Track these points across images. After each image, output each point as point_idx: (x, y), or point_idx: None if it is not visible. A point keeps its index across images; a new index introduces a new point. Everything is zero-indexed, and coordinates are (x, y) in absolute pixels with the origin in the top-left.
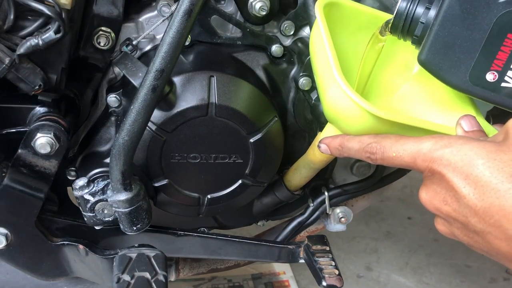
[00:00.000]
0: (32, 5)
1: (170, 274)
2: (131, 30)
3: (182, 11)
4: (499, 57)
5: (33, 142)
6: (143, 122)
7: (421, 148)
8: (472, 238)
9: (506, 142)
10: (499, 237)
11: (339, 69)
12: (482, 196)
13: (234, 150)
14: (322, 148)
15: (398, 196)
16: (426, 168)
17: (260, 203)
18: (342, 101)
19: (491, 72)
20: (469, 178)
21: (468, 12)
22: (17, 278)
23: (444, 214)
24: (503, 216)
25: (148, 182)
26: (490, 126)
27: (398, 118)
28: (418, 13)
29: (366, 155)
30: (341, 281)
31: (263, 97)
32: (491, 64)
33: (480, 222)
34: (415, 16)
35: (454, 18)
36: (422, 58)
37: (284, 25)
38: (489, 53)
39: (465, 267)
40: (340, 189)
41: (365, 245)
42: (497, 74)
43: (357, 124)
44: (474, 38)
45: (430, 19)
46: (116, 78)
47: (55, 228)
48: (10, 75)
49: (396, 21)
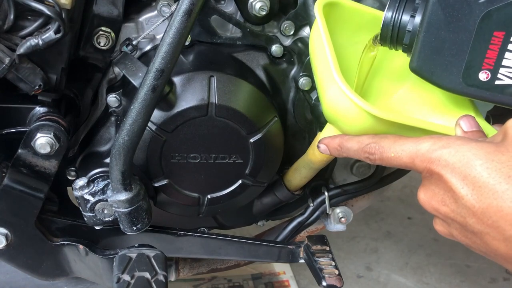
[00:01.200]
0: (32, 5)
1: (170, 274)
2: (131, 30)
3: (182, 11)
4: (488, 56)
5: (33, 142)
6: (143, 122)
7: (419, 149)
8: (470, 239)
9: (504, 142)
10: (497, 238)
11: (338, 70)
12: (480, 197)
13: (234, 150)
14: (321, 148)
15: (398, 196)
16: (425, 168)
17: (260, 203)
18: (341, 101)
19: (483, 72)
20: (467, 179)
21: (452, 15)
22: (17, 278)
23: (443, 214)
24: (500, 217)
25: (148, 182)
26: (489, 126)
27: (397, 118)
28: (404, 22)
29: (365, 156)
30: (341, 281)
31: (263, 97)
32: (482, 64)
33: (478, 223)
34: (401, 25)
35: (438, 23)
36: (413, 66)
37: (284, 25)
38: (478, 53)
39: (465, 267)
40: (340, 189)
41: (365, 245)
42: (489, 72)
43: (356, 124)
44: (461, 40)
45: (416, 26)
46: (116, 78)
47: (55, 228)
48: (10, 75)
49: (383, 31)
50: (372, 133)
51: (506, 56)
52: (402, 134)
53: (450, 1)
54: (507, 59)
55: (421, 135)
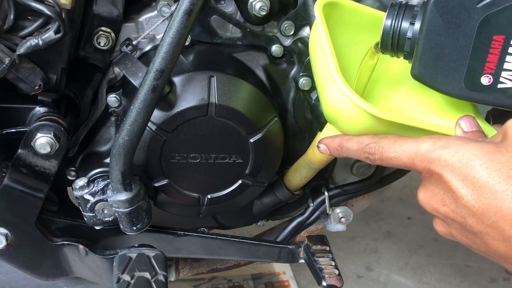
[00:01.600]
0: (32, 5)
1: (170, 274)
2: (131, 30)
3: (182, 11)
4: (489, 60)
5: (33, 142)
6: (143, 122)
7: (419, 149)
8: (470, 239)
9: (504, 143)
10: (496, 238)
11: (338, 70)
12: (480, 197)
13: (234, 150)
14: (321, 148)
15: (398, 196)
16: (424, 168)
17: (260, 203)
18: (341, 101)
19: (485, 76)
20: (467, 179)
21: (450, 21)
22: (17, 278)
23: (442, 215)
24: (500, 217)
25: (148, 182)
26: (489, 126)
27: (397, 118)
28: (404, 29)
29: (364, 156)
30: (341, 281)
31: (263, 97)
32: (483, 68)
33: (477, 223)
34: (401, 32)
35: (437, 30)
36: (415, 73)
37: (284, 25)
38: (479, 57)
39: (465, 267)
40: (340, 189)
41: (365, 245)
42: (491, 76)
43: (356, 124)
44: (461, 46)
45: (416, 33)
46: (116, 78)
47: (55, 228)
48: (10, 75)
49: (383, 39)
50: (372, 133)
51: (508, 60)
52: (402, 135)
53: (448, 7)
54: (508, 62)
55: (421, 136)
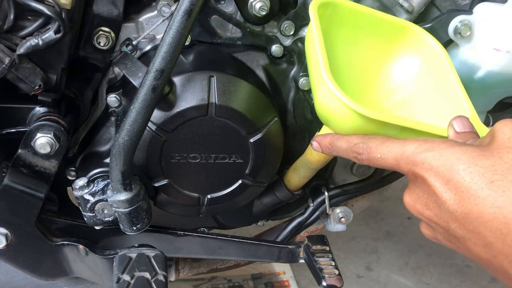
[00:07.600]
0: (32, 5)
1: (170, 274)
2: (131, 30)
3: (182, 11)
4: None
5: (33, 142)
6: (143, 122)
7: (404, 151)
8: (454, 244)
9: (489, 146)
10: (477, 244)
11: (328, 69)
12: (462, 202)
13: (234, 150)
14: (314, 145)
15: (398, 196)
16: (409, 171)
17: (260, 203)
18: (331, 100)
19: None
20: (450, 183)
21: None
22: (17, 278)
23: (427, 218)
24: (481, 223)
25: (148, 182)
26: (484, 127)
27: (385, 117)
28: None
29: (353, 155)
30: (341, 281)
31: (263, 97)
32: None
33: (460, 228)
34: None
35: None
36: None
37: (284, 25)
38: None
39: (465, 267)
40: (340, 189)
41: (365, 245)
42: None
43: (346, 123)
44: None
45: None
46: (116, 78)
47: (55, 228)
48: (10, 75)
49: None
50: (363, 133)
51: None
52: (396, 136)
53: None
54: None
55: (415, 137)
